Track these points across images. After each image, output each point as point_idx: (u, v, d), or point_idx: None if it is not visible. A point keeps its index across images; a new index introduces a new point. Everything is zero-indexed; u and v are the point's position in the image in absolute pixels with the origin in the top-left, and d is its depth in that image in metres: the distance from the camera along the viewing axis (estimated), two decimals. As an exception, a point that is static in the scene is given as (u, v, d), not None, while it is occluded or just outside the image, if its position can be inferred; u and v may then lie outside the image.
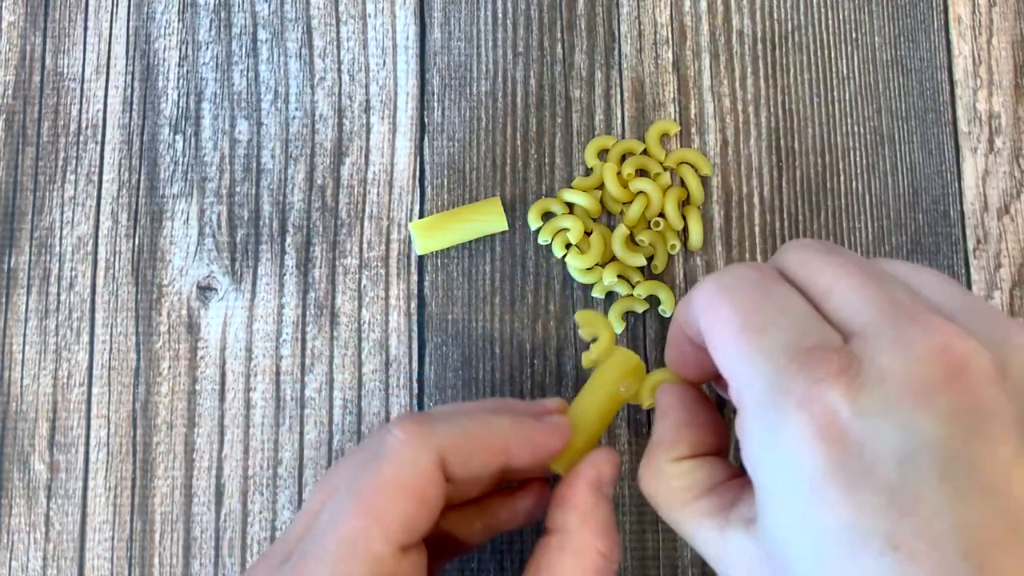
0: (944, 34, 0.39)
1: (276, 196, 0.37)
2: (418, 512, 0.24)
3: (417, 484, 0.24)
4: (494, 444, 0.26)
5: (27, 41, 0.39)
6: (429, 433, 0.25)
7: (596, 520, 0.26)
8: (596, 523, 0.26)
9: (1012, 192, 0.37)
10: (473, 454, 0.25)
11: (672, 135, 0.37)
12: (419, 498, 0.24)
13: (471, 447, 0.25)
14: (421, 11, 0.39)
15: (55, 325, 0.36)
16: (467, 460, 0.25)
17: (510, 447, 0.26)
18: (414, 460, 0.24)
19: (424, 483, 0.24)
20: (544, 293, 0.36)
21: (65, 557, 0.35)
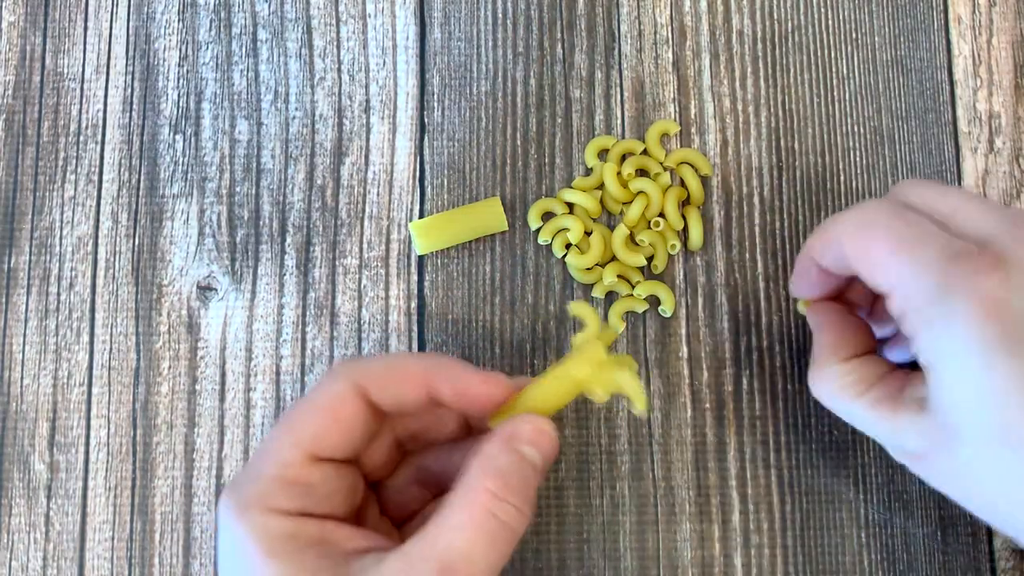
0: (944, 34, 0.39)
1: (276, 196, 0.37)
2: (328, 427, 0.27)
3: (328, 403, 0.27)
4: (411, 374, 0.28)
5: (27, 41, 0.39)
6: (350, 365, 0.28)
7: (493, 464, 0.27)
8: (492, 466, 0.27)
9: (1012, 192, 0.37)
10: (390, 382, 0.28)
11: (672, 135, 0.37)
12: (330, 415, 0.27)
13: (388, 376, 0.28)
14: (421, 11, 0.39)
15: (55, 325, 0.36)
16: (384, 387, 0.28)
17: (430, 379, 0.28)
18: (329, 384, 0.28)
19: (335, 403, 0.27)
20: (544, 293, 0.36)
21: (65, 557, 0.35)
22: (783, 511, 0.35)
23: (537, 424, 0.28)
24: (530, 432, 0.28)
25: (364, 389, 0.28)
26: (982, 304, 0.24)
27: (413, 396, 0.28)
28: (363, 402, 0.28)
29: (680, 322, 0.36)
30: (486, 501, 0.26)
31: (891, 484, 0.35)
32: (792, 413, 0.35)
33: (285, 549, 0.26)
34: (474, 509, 0.26)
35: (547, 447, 0.28)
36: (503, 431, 0.28)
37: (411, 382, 0.28)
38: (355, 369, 0.28)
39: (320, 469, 0.27)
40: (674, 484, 0.35)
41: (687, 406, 0.35)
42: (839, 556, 0.34)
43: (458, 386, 0.28)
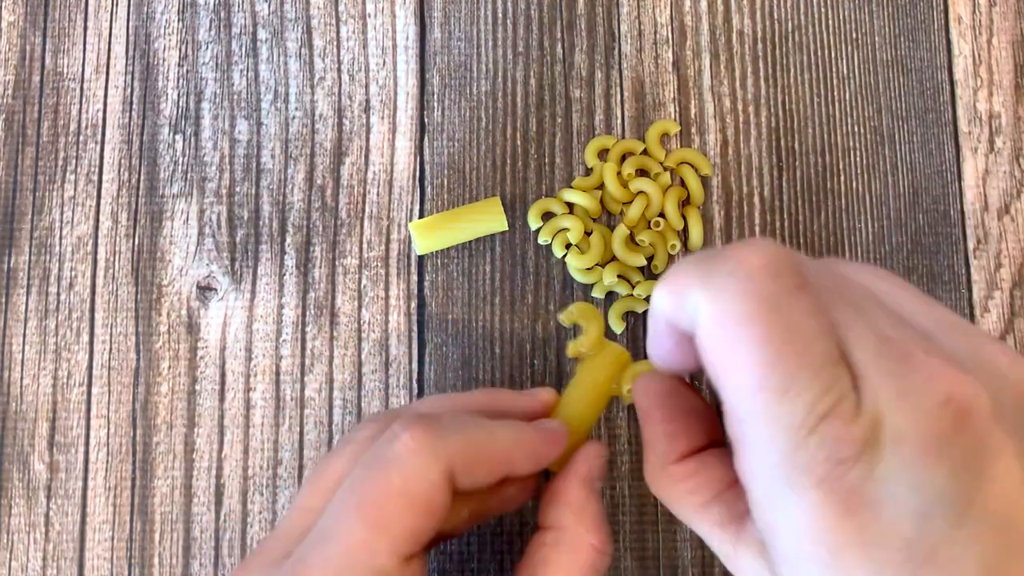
0: (944, 34, 0.39)
1: (276, 196, 0.37)
2: (424, 523, 0.24)
3: (426, 496, 0.24)
4: (499, 456, 0.25)
5: (27, 41, 0.39)
6: (439, 443, 0.24)
7: (589, 515, 0.27)
8: (589, 518, 0.26)
9: (1012, 192, 0.37)
10: (479, 465, 0.25)
11: (672, 135, 0.37)
12: (426, 510, 0.24)
13: (477, 459, 0.25)
14: (421, 11, 0.39)
15: (55, 325, 0.36)
16: (473, 471, 0.25)
17: (514, 459, 0.26)
18: (424, 471, 0.24)
19: (432, 494, 0.24)
20: (544, 293, 0.36)
21: (65, 557, 0.35)
22: (783, 511, 0.35)
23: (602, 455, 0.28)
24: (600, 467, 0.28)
25: (453, 473, 0.24)
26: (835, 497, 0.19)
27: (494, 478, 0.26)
28: (450, 486, 0.25)
29: (680, 322, 0.36)
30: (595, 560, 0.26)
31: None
32: (792, 413, 0.35)
33: None
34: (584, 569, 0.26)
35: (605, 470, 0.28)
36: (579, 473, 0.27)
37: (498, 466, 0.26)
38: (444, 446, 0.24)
39: (411, 567, 0.24)
40: (674, 484, 0.35)
41: (687, 406, 0.35)
42: (839, 556, 0.34)
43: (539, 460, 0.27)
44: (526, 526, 0.35)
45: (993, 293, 0.37)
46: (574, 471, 0.27)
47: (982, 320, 0.36)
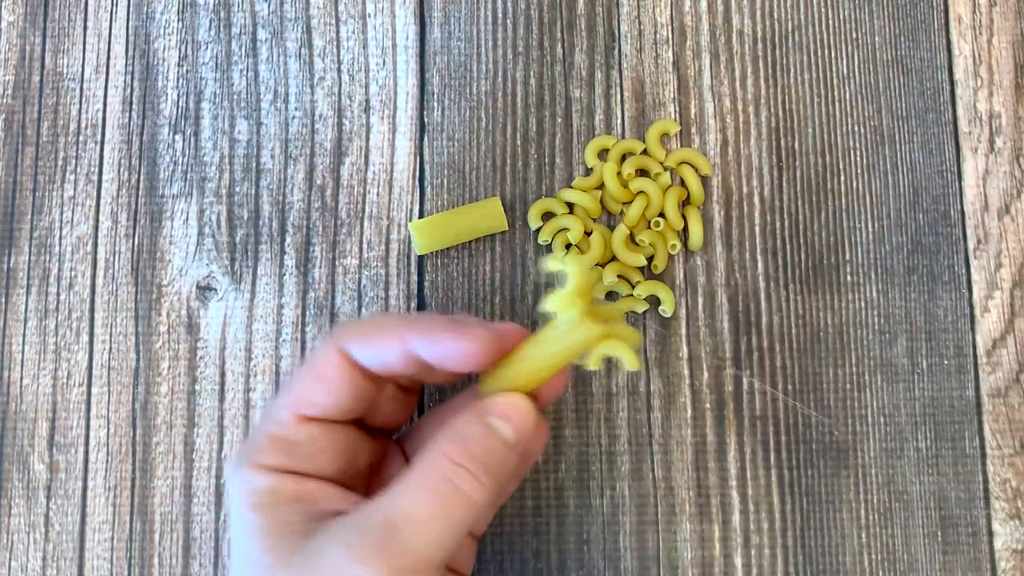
0: (944, 34, 0.39)
1: (276, 196, 0.37)
2: (312, 387, 0.28)
3: (318, 366, 0.28)
4: (388, 332, 0.28)
5: (27, 41, 0.39)
6: (337, 328, 0.29)
7: (458, 433, 0.27)
8: (456, 435, 0.27)
9: (1012, 192, 0.37)
10: (367, 340, 0.28)
11: (672, 135, 0.37)
12: (317, 376, 0.28)
13: (366, 334, 0.28)
14: (421, 11, 0.39)
15: (55, 325, 0.36)
16: (363, 345, 0.28)
17: (406, 335, 0.27)
18: (319, 350, 0.29)
19: (323, 365, 0.28)
20: (544, 293, 0.36)
21: (65, 557, 0.35)
22: (783, 511, 0.35)
23: (510, 399, 0.27)
24: (503, 405, 0.27)
25: (347, 348, 0.28)
26: None
27: (393, 356, 0.28)
28: (348, 363, 0.28)
29: (680, 322, 0.36)
30: (442, 465, 0.26)
31: (891, 484, 0.35)
32: (792, 413, 0.35)
33: (263, 502, 0.27)
34: (428, 472, 0.26)
35: (520, 421, 0.27)
36: (476, 405, 0.27)
37: (388, 342, 0.28)
38: (339, 331, 0.29)
39: (308, 429, 0.28)
40: (674, 484, 0.35)
41: (687, 406, 0.35)
42: (839, 556, 0.34)
43: (436, 346, 0.27)
44: (526, 527, 0.35)
45: (993, 293, 0.37)
46: (474, 404, 0.28)
47: (982, 320, 0.36)
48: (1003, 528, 0.35)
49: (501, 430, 0.27)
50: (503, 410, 0.27)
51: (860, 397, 0.36)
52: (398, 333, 0.28)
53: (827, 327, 0.36)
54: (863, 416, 0.35)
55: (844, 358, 0.36)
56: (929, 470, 0.35)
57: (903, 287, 0.37)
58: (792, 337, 0.36)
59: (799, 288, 0.36)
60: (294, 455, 0.28)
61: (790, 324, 0.36)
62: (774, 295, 0.36)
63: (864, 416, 0.35)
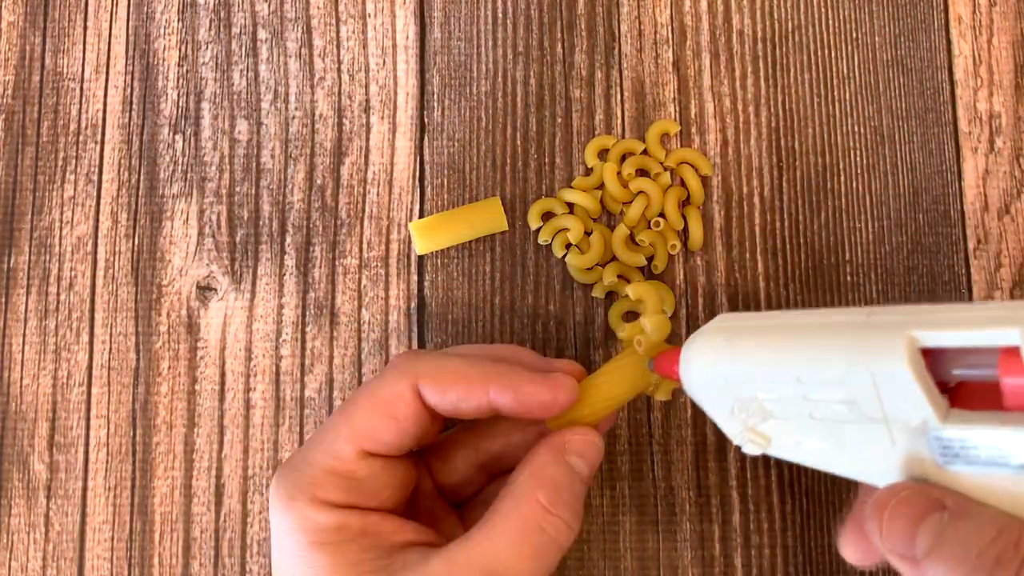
0: (944, 34, 0.39)
1: (276, 196, 0.37)
2: (384, 424, 0.27)
3: (388, 401, 0.27)
4: (472, 380, 0.27)
5: (27, 41, 0.39)
6: (411, 362, 0.28)
7: (545, 474, 0.27)
8: (544, 476, 0.27)
9: (1012, 192, 0.37)
10: (449, 385, 0.27)
11: (672, 135, 0.37)
12: (387, 413, 0.27)
13: (447, 380, 0.27)
14: (421, 11, 0.39)
15: (55, 325, 0.36)
16: (443, 390, 0.27)
17: (489, 387, 0.27)
18: (391, 381, 0.27)
19: (395, 402, 0.27)
20: (544, 293, 0.36)
21: (65, 557, 0.35)
22: (783, 511, 0.35)
23: (586, 435, 0.28)
24: (580, 443, 0.28)
25: (421, 388, 0.27)
26: None
27: (472, 404, 0.27)
28: (420, 403, 0.27)
29: (680, 322, 0.36)
30: (536, 514, 0.26)
31: (891, 484, 0.35)
32: (792, 413, 0.35)
33: (330, 540, 0.26)
34: (524, 521, 0.26)
35: (594, 458, 0.28)
36: (552, 440, 0.27)
37: (470, 391, 0.27)
38: (416, 368, 0.28)
39: (370, 464, 0.27)
40: (674, 484, 0.35)
41: (687, 406, 0.35)
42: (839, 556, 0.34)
43: (519, 396, 0.27)
44: (526, 526, 0.35)
45: (993, 293, 0.37)
46: (550, 439, 0.28)
47: (982, 320, 0.36)
48: (1003, 528, 0.35)
49: (581, 470, 0.27)
50: (582, 448, 0.28)
51: (860, 397, 0.36)
52: (482, 384, 0.27)
53: (827, 327, 0.36)
54: (863, 416, 0.35)
55: (844, 358, 0.36)
56: (929, 470, 0.35)
57: (903, 287, 0.37)
58: (792, 337, 0.36)
59: (799, 288, 0.36)
60: (358, 491, 0.27)
61: (790, 324, 0.36)
62: (774, 295, 0.36)
63: (864, 416, 0.35)
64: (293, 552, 0.26)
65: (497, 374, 0.27)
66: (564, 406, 0.28)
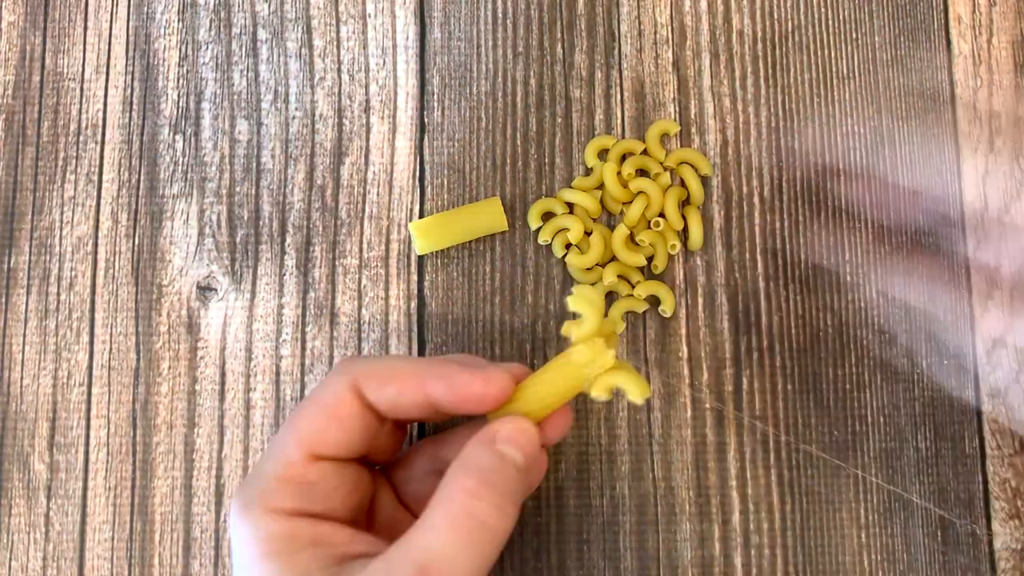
0: (944, 34, 0.39)
1: (276, 196, 0.37)
2: (328, 425, 0.28)
3: (331, 403, 0.28)
4: (408, 375, 0.28)
5: (27, 41, 0.39)
6: (349, 364, 0.29)
7: (471, 463, 0.27)
8: (470, 466, 0.27)
9: (1012, 192, 0.37)
10: (387, 381, 0.28)
11: (672, 135, 0.37)
12: (330, 413, 0.28)
13: (383, 376, 0.28)
14: (421, 11, 0.39)
15: (55, 325, 0.36)
16: (380, 386, 0.28)
17: (424, 381, 0.28)
18: (329, 383, 0.28)
19: (336, 402, 0.28)
20: (544, 293, 0.36)
21: (65, 557, 0.35)
22: (783, 511, 0.35)
23: (517, 423, 0.28)
24: (510, 431, 0.28)
25: (360, 388, 0.28)
26: None
27: (408, 399, 0.28)
28: (362, 402, 0.28)
29: (680, 322, 0.36)
30: (463, 500, 0.26)
31: (891, 484, 0.35)
32: (792, 413, 0.35)
33: (280, 550, 0.26)
34: (451, 508, 0.26)
35: (527, 445, 0.28)
36: (482, 432, 0.28)
37: (406, 385, 0.28)
38: (353, 368, 0.28)
39: (319, 467, 0.28)
40: (674, 484, 0.35)
41: (687, 406, 0.35)
42: (839, 556, 0.34)
43: (452, 387, 0.28)
44: (526, 527, 0.35)
45: (993, 293, 0.37)
46: (481, 431, 0.28)
47: (982, 320, 0.36)
48: (1003, 528, 0.35)
49: (512, 455, 0.27)
50: (510, 435, 0.28)
51: (860, 397, 0.36)
52: (418, 378, 0.28)
53: (827, 327, 0.36)
54: (863, 416, 0.35)
55: (844, 358, 0.36)
56: (929, 470, 0.35)
57: (903, 287, 0.37)
58: (792, 337, 0.36)
59: (799, 288, 0.36)
60: (309, 496, 0.27)
61: (790, 324, 0.36)
62: (774, 295, 0.36)
63: (864, 416, 0.35)
64: (248, 563, 0.26)
65: (431, 367, 0.28)
66: (498, 398, 0.28)
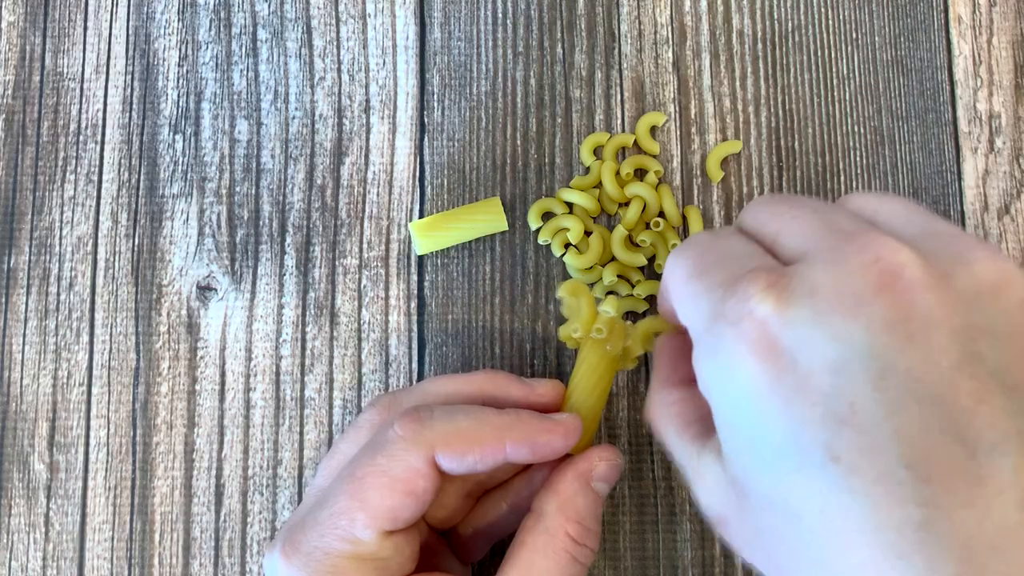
0: (944, 34, 0.39)
1: (276, 196, 0.37)
2: (404, 503, 0.26)
3: (406, 478, 0.26)
4: (488, 442, 0.26)
5: (27, 41, 0.39)
6: (425, 431, 0.26)
7: (573, 507, 0.27)
8: (573, 510, 0.27)
9: (1012, 192, 0.37)
10: (466, 452, 0.26)
11: (660, 126, 0.37)
12: (406, 490, 0.26)
13: (464, 446, 0.26)
14: (421, 11, 0.39)
15: (55, 325, 0.36)
16: (460, 457, 0.26)
17: (505, 446, 0.27)
18: (406, 455, 0.26)
19: (413, 477, 0.26)
20: (544, 293, 0.36)
21: (65, 557, 0.35)
22: (783, 511, 0.35)
23: (612, 460, 0.28)
24: (606, 469, 0.28)
25: (438, 458, 0.26)
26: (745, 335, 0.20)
27: (489, 464, 0.27)
28: (437, 472, 0.26)
29: (680, 322, 0.36)
30: (568, 546, 0.26)
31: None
32: (792, 413, 0.35)
33: None
34: (558, 555, 0.26)
35: (616, 478, 0.28)
36: (579, 468, 0.28)
37: (488, 452, 0.26)
38: (427, 435, 0.26)
39: (394, 542, 0.26)
40: (674, 484, 0.35)
41: (687, 406, 0.35)
42: (839, 556, 0.34)
43: (536, 449, 0.27)
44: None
45: (993, 293, 0.37)
46: (573, 463, 0.28)
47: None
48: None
49: (603, 492, 0.28)
50: (607, 474, 0.28)
51: (860, 397, 0.36)
52: (499, 444, 0.26)
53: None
54: (863, 416, 0.35)
55: (844, 358, 0.36)
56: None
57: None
58: (792, 337, 0.36)
59: (799, 288, 0.36)
60: (386, 572, 0.26)
61: (790, 324, 0.36)
62: (774, 295, 0.36)
63: (864, 416, 0.35)
64: None
65: (509, 429, 0.27)
66: (571, 446, 0.28)
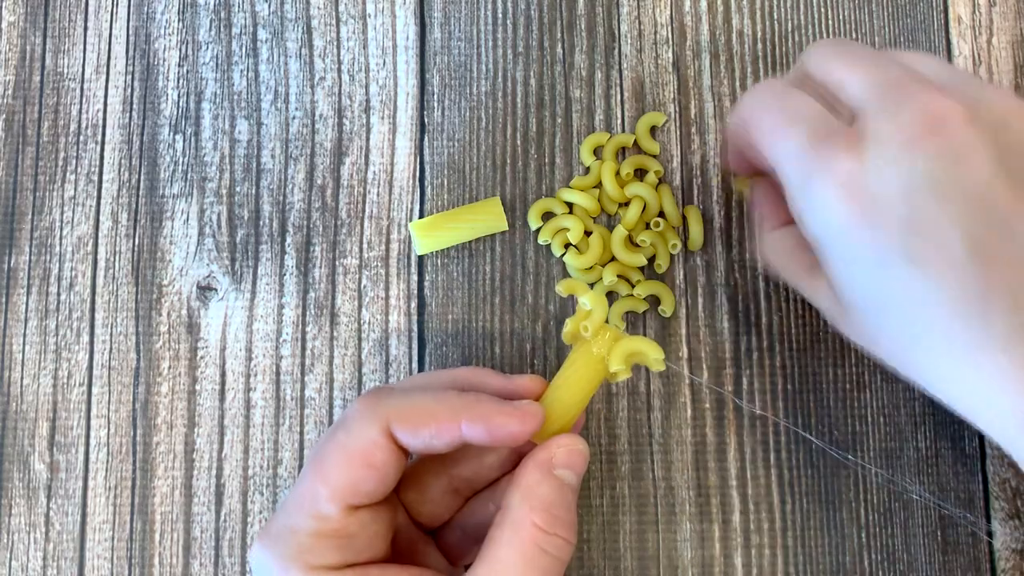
0: (944, 34, 0.39)
1: (276, 196, 0.37)
2: (363, 475, 0.26)
3: (364, 450, 0.27)
4: (443, 418, 0.27)
5: (27, 41, 0.39)
6: (380, 405, 0.27)
7: (536, 496, 0.27)
8: (536, 499, 0.27)
9: (1012, 192, 0.37)
10: (420, 426, 0.27)
11: (660, 126, 0.37)
12: (364, 462, 0.26)
13: (418, 420, 0.27)
14: (421, 11, 0.39)
15: (55, 325, 0.36)
16: (414, 430, 0.27)
17: (460, 422, 0.27)
18: (362, 428, 0.27)
19: (370, 449, 0.27)
20: (544, 293, 0.36)
21: (65, 557, 0.35)
22: (783, 511, 0.35)
23: (571, 446, 0.28)
24: (566, 455, 0.28)
25: (393, 432, 0.27)
26: (836, 188, 0.26)
27: (444, 441, 0.27)
28: (394, 445, 0.27)
29: (680, 322, 0.36)
30: (535, 536, 0.26)
31: (891, 484, 0.35)
32: (792, 413, 0.35)
33: None
34: (524, 546, 0.26)
35: (581, 465, 0.28)
36: (537, 457, 0.27)
37: (441, 428, 0.27)
38: (382, 409, 0.27)
39: (358, 517, 0.27)
40: (674, 484, 0.35)
41: (687, 406, 0.35)
42: (839, 556, 0.34)
43: (490, 429, 0.27)
44: (526, 526, 0.35)
45: (993, 293, 0.37)
46: (533, 455, 0.28)
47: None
48: (1003, 528, 0.35)
49: (570, 481, 0.28)
50: (568, 460, 0.28)
51: (860, 397, 0.36)
52: (454, 420, 0.27)
53: (827, 327, 0.36)
54: (863, 416, 0.35)
55: (844, 358, 0.36)
56: (929, 470, 0.35)
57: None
58: (792, 337, 0.36)
59: (799, 288, 0.36)
60: (352, 548, 0.27)
61: (790, 324, 0.36)
62: (774, 295, 0.36)
63: (864, 416, 0.35)
64: None
65: (466, 408, 0.27)
66: (533, 433, 0.28)
